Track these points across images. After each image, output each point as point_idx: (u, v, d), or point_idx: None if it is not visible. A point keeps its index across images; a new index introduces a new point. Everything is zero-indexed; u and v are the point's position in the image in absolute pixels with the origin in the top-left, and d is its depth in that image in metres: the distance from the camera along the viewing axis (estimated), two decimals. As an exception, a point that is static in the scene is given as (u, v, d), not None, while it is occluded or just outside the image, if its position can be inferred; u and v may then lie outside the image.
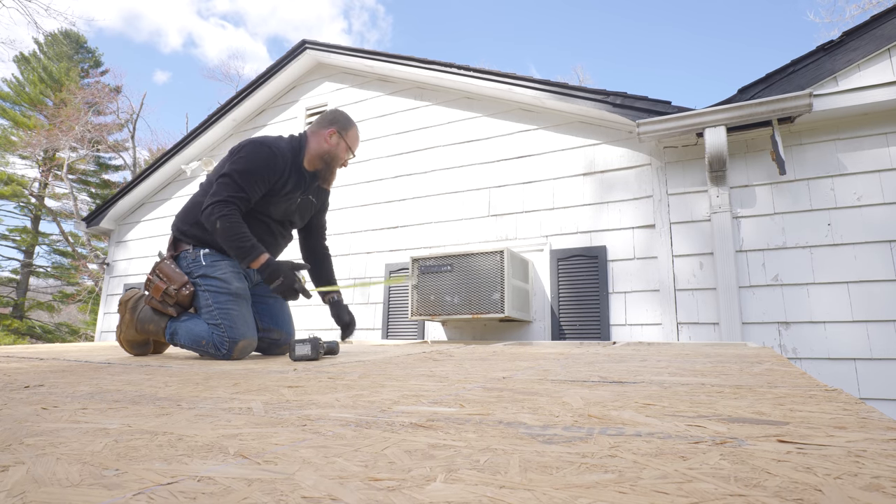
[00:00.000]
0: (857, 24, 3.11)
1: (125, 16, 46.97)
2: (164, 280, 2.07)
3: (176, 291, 2.04)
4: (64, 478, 0.44)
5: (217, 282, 2.05)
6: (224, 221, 1.93)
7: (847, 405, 0.73)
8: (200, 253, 2.10)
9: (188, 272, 2.08)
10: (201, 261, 2.08)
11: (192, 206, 2.17)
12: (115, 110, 20.35)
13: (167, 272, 2.07)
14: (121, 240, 6.12)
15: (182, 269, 2.09)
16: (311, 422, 0.68)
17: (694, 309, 3.22)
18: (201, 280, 2.06)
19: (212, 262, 2.08)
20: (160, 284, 2.06)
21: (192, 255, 2.10)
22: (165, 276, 2.07)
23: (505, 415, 0.72)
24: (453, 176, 4.21)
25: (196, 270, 2.07)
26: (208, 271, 2.06)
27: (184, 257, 2.11)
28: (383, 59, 4.63)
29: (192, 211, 2.14)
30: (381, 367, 1.48)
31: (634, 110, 3.44)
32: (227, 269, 2.10)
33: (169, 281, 2.06)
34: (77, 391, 1.01)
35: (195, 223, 2.12)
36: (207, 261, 2.08)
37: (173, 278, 2.06)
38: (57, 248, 20.34)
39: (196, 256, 2.09)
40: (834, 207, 3.04)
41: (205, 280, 2.06)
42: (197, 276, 2.07)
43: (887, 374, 2.74)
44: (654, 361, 1.49)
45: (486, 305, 3.16)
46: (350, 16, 56.03)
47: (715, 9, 52.14)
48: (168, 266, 2.08)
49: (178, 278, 2.05)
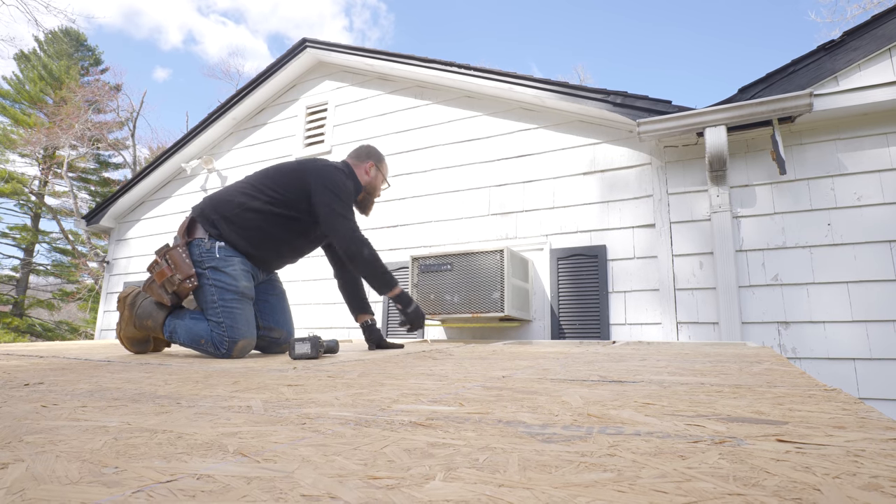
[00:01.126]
0: (857, 23, 3.11)
1: (125, 12, 46.89)
2: (171, 267, 2.03)
3: (179, 281, 2.01)
4: (63, 475, 0.44)
5: (226, 278, 2.03)
6: (370, 250, 2.12)
7: (846, 405, 0.73)
8: (216, 245, 2.07)
9: (198, 261, 2.05)
10: (215, 253, 2.06)
11: (226, 198, 2.14)
12: (115, 108, 20.35)
13: (176, 259, 2.03)
14: (121, 238, 6.12)
15: (193, 256, 2.05)
16: (310, 420, 0.68)
17: (694, 308, 3.22)
18: (210, 273, 2.03)
19: (225, 256, 2.07)
20: (166, 270, 2.03)
21: (206, 245, 2.07)
22: (174, 262, 2.03)
23: (504, 414, 0.72)
24: (453, 175, 4.20)
25: (207, 261, 2.04)
26: (220, 265, 2.04)
27: (197, 245, 2.07)
28: (384, 58, 4.63)
29: (226, 203, 2.12)
30: (380, 365, 1.49)
31: (635, 109, 3.44)
32: (239, 266, 2.08)
33: (176, 269, 2.02)
34: (77, 389, 1.01)
35: (224, 217, 2.10)
36: (221, 254, 2.06)
37: (181, 267, 2.01)
38: (57, 246, 20.34)
39: (211, 247, 2.07)
40: (834, 207, 3.04)
41: (214, 273, 2.03)
42: (206, 268, 2.04)
43: (886, 374, 2.74)
44: (654, 361, 1.49)
45: (486, 304, 3.16)
46: (351, 13, 55.96)
47: (716, 8, 52.11)
48: (179, 254, 2.04)
49: (185, 269, 2.01)
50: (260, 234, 2.13)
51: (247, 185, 2.17)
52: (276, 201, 2.13)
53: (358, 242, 2.10)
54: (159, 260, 2.06)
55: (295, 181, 2.16)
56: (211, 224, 2.10)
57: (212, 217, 2.11)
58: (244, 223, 2.11)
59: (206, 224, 2.11)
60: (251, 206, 2.11)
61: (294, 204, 2.15)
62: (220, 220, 2.10)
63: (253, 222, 2.11)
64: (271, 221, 2.13)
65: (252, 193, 2.14)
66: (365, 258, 2.10)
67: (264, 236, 2.14)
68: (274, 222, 2.14)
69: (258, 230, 2.12)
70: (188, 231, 2.11)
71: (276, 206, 2.13)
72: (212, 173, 5.60)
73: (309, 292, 4.59)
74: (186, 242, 2.08)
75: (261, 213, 2.12)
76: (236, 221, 2.10)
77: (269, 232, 2.14)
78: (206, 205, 2.16)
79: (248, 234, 2.11)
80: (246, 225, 2.11)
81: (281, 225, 2.15)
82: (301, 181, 2.15)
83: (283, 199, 2.14)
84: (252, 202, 2.12)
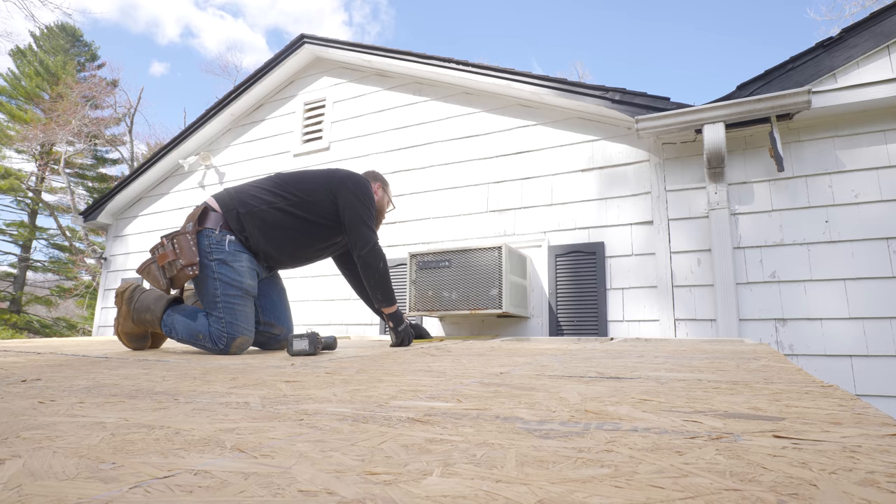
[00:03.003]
0: (856, 20, 3.11)
1: (121, 6, 46.61)
2: (175, 251, 2.00)
3: (181, 267, 1.98)
4: (60, 471, 0.44)
5: (232, 273, 2.02)
6: (385, 264, 2.20)
7: (843, 401, 0.73)
8: (227, 238, 2.06)
9: (206, 252, 2.02)
10: (225, 246, 2.04)
11: (252, 193, 2.15)
12: (112, 104, 20.29)
13: (183, 245, 2.00)
14: (118, 234, 6.10)
15: (201, 246, 2.03)
16: (308, 416, 0.68)
17: (691, 305, 3.22)
18: (216, 265, 2.01)
19: (234, 251, 2.05)
20: (169, 253, 2.00)
21: (217, 237, 2.05)
22: (180, 247, 2.00)
23: (502, 410, 0.72)
24: (452, 171, 4.20)
25: (215, 253, 2.02)
26: (227, 258, 2.03)
27: (207, 235, 2.05)
28: (382, 54, 4.62)
29: (253, 198, 2.13)
30: (378, 362, 1.49)
31: (633, 106, 3.43)
32: (246, 263, 2.07)
33: (180, 254, 1.99)
34: (74, 385, 1.01)
35: (250, 213, 2.10)
36: (231, 248, 2.05)
37: (185, 253, 1.99)
38: (54, 242, 20.29)
39: (221, 239, 2.05)
40: (832, 204, 3.05)
41: (220, 267, 2.01)
42: (213, 260, 2.01)
43: (883, 370, 2.75)
44: (652, 357, 1.50)
45: (484, 301, 3.16)
46: (351, 8, 55.72)
47: (715, 5, 52.04)
48: (187, 240, 2.01)
49: (190, 256, 1.99)
50: (282, 233, 2.14)
51: (271, 185, 2.19)
52: (299, 205, 2.16)
53: (377, 254, 2.17)
54: (165, 242, 2.03)
55: (321, 188, 2.20)
56: (234, 216, 2.09)
57: (238, 210, 2.10)
58: (270, 221, 2.12)
59: (230, 215, 2.09)
60: (278, 205, 2.13)
61: (317, 209, 2.18)
62: (246, 214, 2.10)
63: (279, 221, 2.13)
64: (295, 224, 2.16)
65: (279, 193, 2.16)
66: (380, 271, 2.17)
67: (286, 237, 2.15)
68: (297, 225, 2.16)
69: (282, 230, 2.14)
70: (200, 220, 2.08)
71: (299, 209, 2.15)
72: (209, 170, 5.58)
73: (307, 289, 4.59)
74: (196, 231, 2.05)
75: (287, 214, 2.14)
76: (262, 217, 2.11)
77: (291, 233, 2.16)
78: (230, 197, 2.14)
79: (271, 233, 2.12)
80: (271, 223, 2.12)
81: (302, 229, 2.17)
82: (328, 189, 2.19)
83: (307, 203, 2.17)
84: (279, 202, 2.14)
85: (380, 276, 2.17)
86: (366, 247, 2.15)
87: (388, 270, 2.21)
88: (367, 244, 2.15)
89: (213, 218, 2.09)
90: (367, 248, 2.15)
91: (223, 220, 2.09)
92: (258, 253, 2.14)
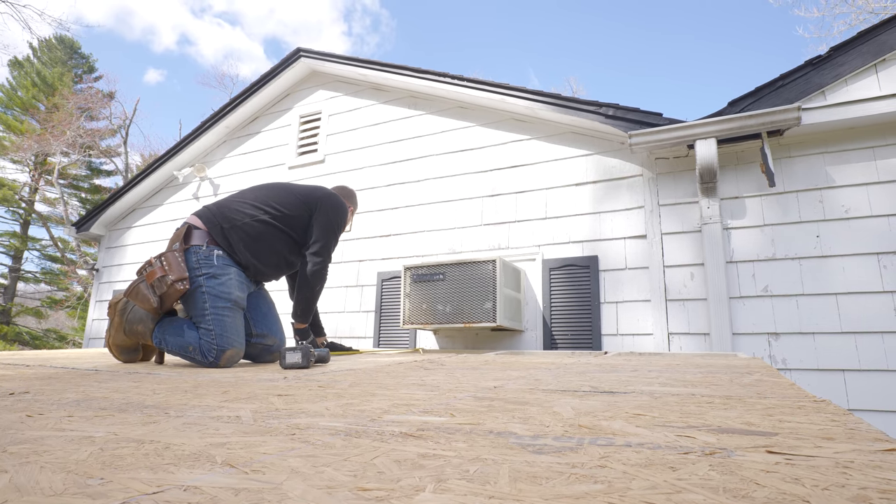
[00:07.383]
0: (844, 39, 3.16)
1: (116, 13, 46.69)
2: (164, 267, 2.01)
3: (171, 282, 1.98)
4: (47, 486, 0.43)
5: (221, 286, 2.03)
6: (322, 288, 2.37)
7: (835, 416, 0.74)
8: (214, 252, 2.09)
9: (194, 267, 2.04)
10: (213, 260, 2.07)
11: (235, 208, 2.21)
12: (107, 116, 20.30)
13: (172, 262, 2.02)
14: (111, 245, 6.07)
15: (189, 263, 2.05)
16: (300, 431, 0.68)
17: (685, 319, 3.23)
18: (205, 280, 2.02)
19: (223, 265, 2.08)
20: (158, 270, 2.00)
21: (204, 253, 2.07)
22: (168, 264, 2.01)
23: (495, 424, 0.71)
24: (446, 185, 4.22)
25: (204, 268, 2.04)
26: (216, 272, 2.05)
27: (194, 252, 2.07)
28: (378, 68, 4.65)
29: (236, 213, 2.19)
30: (371, 375, 1.48)
31: (626, 121, 3.47)
32: (234, 276, 2.10)
33: (169, 270, 2.00)
34: (63, 398, 1.00)
35: (234, 227, 2.16)
36: (219, 262, 2.08)
37: (175, 269, 2.00)
38: (46, 253, 20.13)
39: (209, 255, 2.07)
40: (823, 219, 3.08)
41: (209, 281, 2.02)
42: (202, 275, 2.03)
43: (875, 385, 2.76)
44: (645, 371, 1.50)
45: (478, 314, 3.16)
46: (350, 19, 56.00)
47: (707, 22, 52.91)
48: (175, 257, 2.03)
49: (179, 271, 2.00)
50: (265, 246, 2.22)
51: (253, 198, 2.27)
52: (280, 218, 2.26)
53: (323, 276, 2.34)
54: (153, 261, 2.04)
55: (301, 205, 2.31)
56: (220, 232, 2.13)
57: (222, 224, 2.15)
58: (253, 233, 2.18)
59: (214, 231, 2.12)
60: (260, 218, 2.21)
61: (294, 224, 2.29)
62: (231, 229, 2.15)
63: (261, 234, 2.20)
64: (276, 236, 2.24)
65: (260, 206, 2.24)
66: (315, 290, 2.34)
67: (270, 249, 2.23)
68: (277, 237, 2.25)
69: (264, 242, 2.21)
70: (185, 238, 2.10)
71: (279, 222, 2.25)
72: (204, 181, 5.58)
73: (301, 301, 4.57)
74: (184, 249, 2.07)
75: (267, 227, 2.22)
76: (246, 231, 2.17)
77: (273, 245, 2.24)
78: (213, 212, 2.19)
79: (255, 245, 2.19)
80: (254, 235, 2.19)
81: (282, 241, 2.27)
82: (307, 207, 2.32)
83: (286, 217, 2.27)
84: (261, 215, 2.22)
85: (312, 294, 2.34)
86: (318, 264, 2.29)
87: (320, 296, 2.40)
88: (323, 267, 2.31)
89: (198, 235, 2.12)
90: (320, 269, 2.30)
91: (208, 236, 2.13)
92: (247, 266, 2.18)
